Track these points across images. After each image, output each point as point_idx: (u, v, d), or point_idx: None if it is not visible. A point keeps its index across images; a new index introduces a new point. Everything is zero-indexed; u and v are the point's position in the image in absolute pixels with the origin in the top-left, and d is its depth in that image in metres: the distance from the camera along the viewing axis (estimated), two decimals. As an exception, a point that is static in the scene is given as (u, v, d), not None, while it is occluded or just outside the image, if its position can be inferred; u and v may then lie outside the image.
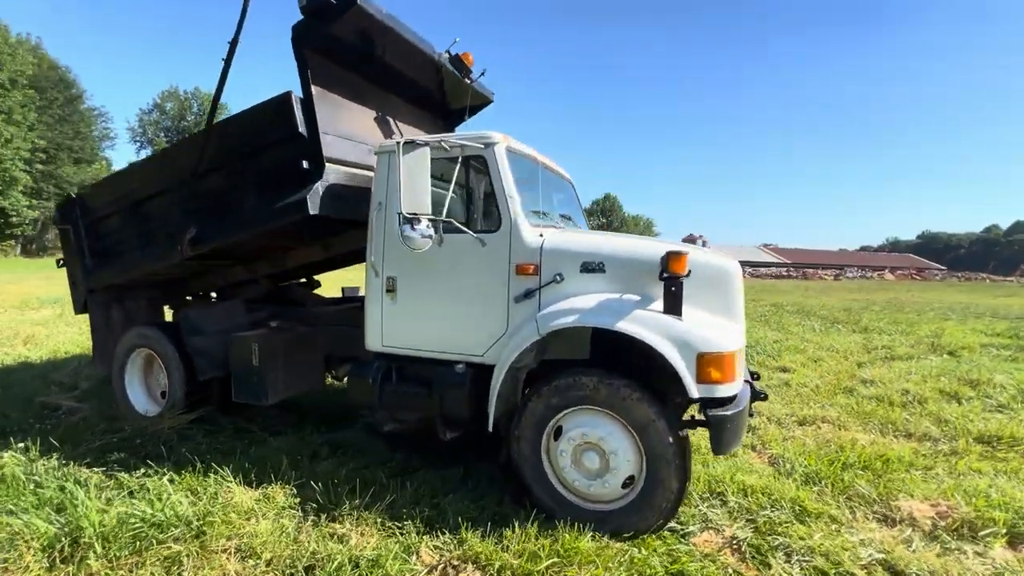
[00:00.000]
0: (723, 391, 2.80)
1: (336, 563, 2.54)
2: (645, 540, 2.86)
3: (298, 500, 3.22)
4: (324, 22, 3.59)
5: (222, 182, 4.22)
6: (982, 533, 2.90)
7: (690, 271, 3.12)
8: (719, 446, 2.81)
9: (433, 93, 4.95)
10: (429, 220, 3.18)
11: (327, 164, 3.77)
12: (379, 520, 2.96)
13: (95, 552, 2.56)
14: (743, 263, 3.50)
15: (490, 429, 3.27)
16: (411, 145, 3.15)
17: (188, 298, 5.85)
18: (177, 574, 2.49)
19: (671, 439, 2.86)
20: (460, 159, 3.47)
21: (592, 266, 3.25)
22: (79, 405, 5.05)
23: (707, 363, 2.77)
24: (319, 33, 3.66)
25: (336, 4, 3.50)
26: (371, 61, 4.20)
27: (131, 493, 3.21)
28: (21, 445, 3.86)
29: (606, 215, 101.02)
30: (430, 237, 3.21)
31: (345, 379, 4.98)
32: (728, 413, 2.78)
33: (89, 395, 5.49)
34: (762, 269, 58.62)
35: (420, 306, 3.64)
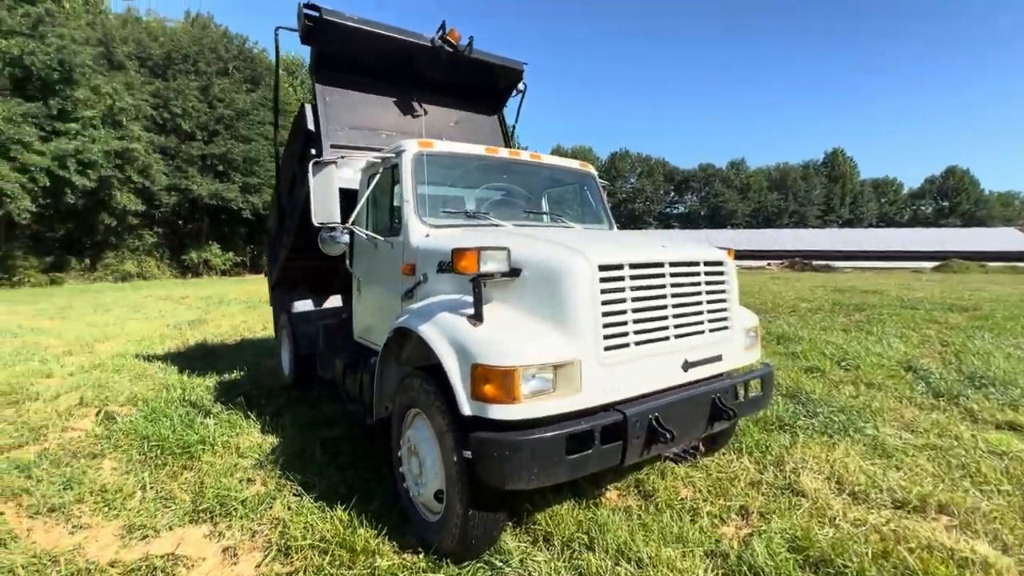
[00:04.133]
0: (496, 412, 2.35)
1: (213, 491, 3.36)
2: (439, 562, 2.65)
3: (268, 451, 4.17)
4: (314, 42, 4.59)
5: (298, 189, 5.62)
6: None
7: (519, 270, 2.70)
8: (480, 474, 2.37)
9: (450, 77, 5.32)
10: (344, 228, 3.66)
11: (330, 149, 4.67)
12: (279, 473, 3.63)
13: (142, 450, 4.08)
14: None
15: (372, 420, 3.51)
16: (319, 165, 3.67)
17: None
18: (161, 472, 3.74)
19: (455, 457, 2.56)
20: (385, 169, 3.82)
21: (444, 266, 3.10)
22: (268, 364, 7.43)
23: (481, 376, 2.39)
24: (320, 52, 4.67)
25: (312, 26, 4.43)
26: (376, 63, 4.93)
27: (206, 417, 4.79)
28: (209, 382, 6.13)
29: (949, 196, 74.32)
30: (345, 243, 3.69)
31: None
32: (490, 438, 2.32)
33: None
34: None
35: (367, 302, 4.14)
